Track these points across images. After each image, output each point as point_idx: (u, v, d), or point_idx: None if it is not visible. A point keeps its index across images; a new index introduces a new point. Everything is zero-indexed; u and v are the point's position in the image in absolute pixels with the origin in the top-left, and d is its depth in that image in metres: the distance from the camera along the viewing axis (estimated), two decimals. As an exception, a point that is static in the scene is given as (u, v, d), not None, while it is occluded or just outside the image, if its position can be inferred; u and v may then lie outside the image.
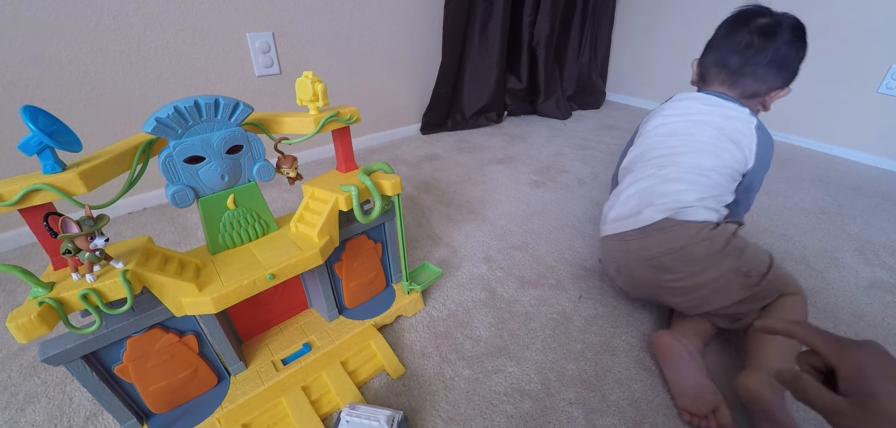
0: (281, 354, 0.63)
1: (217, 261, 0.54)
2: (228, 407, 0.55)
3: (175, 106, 0.47)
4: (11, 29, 0.90)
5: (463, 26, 1.73)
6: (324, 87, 0.57)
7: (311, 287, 0.69)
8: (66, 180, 0.40)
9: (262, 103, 1.34)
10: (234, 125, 0.52)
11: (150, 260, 0.47)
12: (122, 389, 0.50)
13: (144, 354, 0.49)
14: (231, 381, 0.58)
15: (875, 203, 1.26)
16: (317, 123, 0.56)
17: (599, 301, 0.82)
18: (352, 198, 0.58)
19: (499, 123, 2.03)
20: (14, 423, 0.59)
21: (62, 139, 0.41)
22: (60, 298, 0.40)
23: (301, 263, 0.55)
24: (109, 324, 0.46)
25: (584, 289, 0.86)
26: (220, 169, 0.52)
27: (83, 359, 0.45)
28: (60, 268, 0.44)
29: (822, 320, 0.78)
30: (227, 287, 0.49)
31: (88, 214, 0.41)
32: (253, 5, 1.23)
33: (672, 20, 2.10)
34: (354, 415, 0.52)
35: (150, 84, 1.12)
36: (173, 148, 0.49)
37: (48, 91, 0.98)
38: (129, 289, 0.43)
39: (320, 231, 0.58)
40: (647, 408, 0.61)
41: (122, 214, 1.17)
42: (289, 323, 0.69)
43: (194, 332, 0.54)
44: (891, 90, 1.49)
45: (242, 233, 0.57)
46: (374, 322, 0.70)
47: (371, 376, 0.65)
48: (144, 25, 1.07)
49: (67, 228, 0.39)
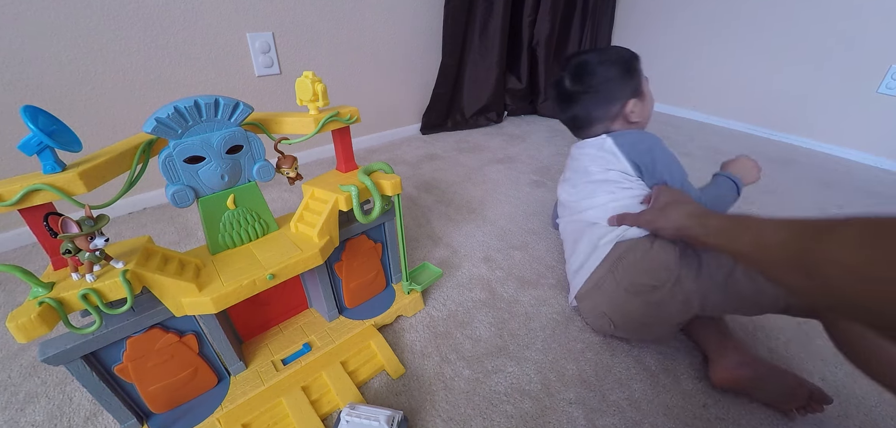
0: (281, 354, 0.63)
1: (217, 261, 0.54)
2: (228, 407, 0.55)
3: (175, 106, 0.47)
4: (11, 29, 0.90)
5: (463, 26, 1.73)
6: (324, 87, 0.57)
7: (311, 287, 0.69)
8: (66, 180, 0.40)
9: (262, 103, 1.34)
10: (234, 125, 0.52)
11: (150, 260, 0.47)
12: (122, 389, 0.50)
13: (144, 354, 0.49)
14: (231, 381, 0.58)
15: (875, 203, 1.26)
16: (317, 123, 0.56)
17: None
18: (352, 198, 0.58)
19: (499, 123, 2.03)
20: (14, 423, 0.59)
21: (62, 139, 0.41)
22: (60, 298, 0.40)
23: (301, 263, 0.55)
24: (109, 324, 0.46)
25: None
26: (220, 169, 0.52)
27: (83, 359, 0.45)
28: (60, 268, 0.44)
29: None
30: (227, 287, 0.49)
31: (88, 213, 0.41)
32: (253, 5, 1.23)
33: (672, 20, 2.10)
34: (354, 415, 0.52)
35: (150, 84, 1.12)
36: (173, 148, 0.49)
37: (48, 91, 0.98)
38: (129, 289, 0.43)
39: (320, 231, 0.58)
40: (647, 408, 0.61)
41: (122, 214, 1.17)
42: (289, 323, 0.69)
43: (194, 332, 0.54)
44: (891, 90, 1.49)
45: (242, 233, 0.57)
46: (374, 322, 0.70)
47: (371, 376, 0.65)
48: (144, 25, 1.07)
49: (67, 228, 0.39)
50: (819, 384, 0.64)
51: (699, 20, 1.97)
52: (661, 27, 2.17)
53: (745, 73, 1.89)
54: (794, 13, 1.68)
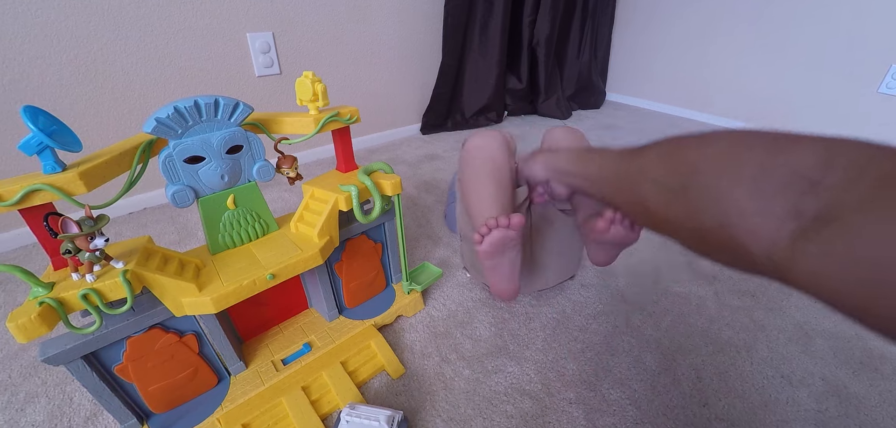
0: (281, 354, 0.63)
1: (217, 261, 0.54)
2: (228, 407, 0.55)
3: (175, 106, 0.47)
4: (12, 29, 0.90)
5: (463, 26, 1.73)
6: (324, 87, 0.57)
7: (311, 287, 0.69)
8: (66, 180, 0.40)
9: (262, 103, 1.34)
10: (234, 125, 0.52)
11: (150, 260, 0.47)
12: (123, 389, 0.50)
13: (144, 354, 0.49)
14: (231, 381, 0.58)
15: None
16: (317, 123, 0.56)
17: (599, 301, 0.82)
18: (352, 198, 0.58)
19: (499, 123, 2.03)
20: (14, 423, 0.59)
21: (62, 139, 0.41)
22: (60, 298, 0.40)
23: (301, 263, 0.55)
24: (109, 324, 0.46)
25: (585, 287, 0.86)
26: (220, 169, 0.52)
27: (83, 359, 0.45)
28: (60, 268, 0.44)
29: (823, 319, 0.78)
30: (227, 287, 0.49)
31: (88, 214, 0.41)
32: (253, 5, 1.23)
33: (672, 20, 2.10)
34: (354, 415, 0.52)
35: (151, 84, 1.12)
36: (173, 148, 0.49)
37: (48, 91, 0.98)
38: (129, 289, 0.43)
39: (320, 231, 0.58)
40: (647, 408, 0.61)
41: (122, 214, 1.17)
42: (289, 323, 0.69)
43: (194, 332, 0.54)
44: (891, 90, 1.49)
45: (242, 233, 0.57)
46: (374, 322, 0.70)
47: (371, 376, 0.65)
48: (144, 25, 1.07)
49: (68, 228, 0.39)
50: (819, 384, 0.65)
51: (699, 20, 1.97)
52: (662, 27, 2.17)
53: (745, 73, 1.89)
54: (795, 13, 1.68)
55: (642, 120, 2.12)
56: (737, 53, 1.89)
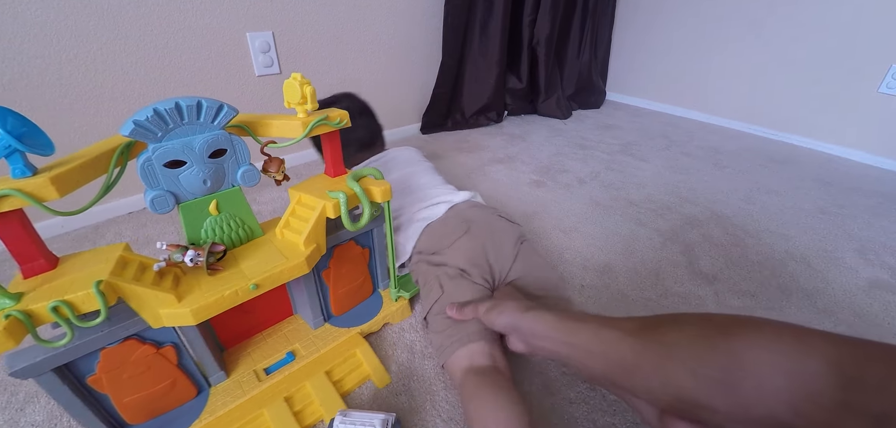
0: (264, 363, 0.61)
1: (198, 269, 0.52)
2: (207, 419, 0.53)
3: (154, 108, 0.45)
4: (11, 28, 0.89)
5: (463, 26, 1.71)
6: (313, 89, 0.55)
7: (297, 294, 0.67)
8: (36, 185, 0.38)
9: (261, 103, 1.33)
10: (218, 128, 0.50)
11: (126, 269, 0.45)
12: (96, 399, 0.48)
13: (119, 366, 0.48)
14: (211, 391, 0.57)
15: (875, 203, 1.24)
16: (304, 127, 0.54)
17: (599, 300, 0.81)
18: (340, 205, 0.56)
19: (499, 123, 2.01)
20: (14, 423, 0.59)
21: (32, 142, 0.39)
22: (29, 310, 0.38)
23: (286, 272, 0.54)
24: (82, 336, 0.44)
25: (585, 288, 0.84)
26: (202, 174, 0.51)
27: (54, 371, 0.43)
28: (30, 276, 0.42)
29: (822, 321, 0.77)
30: (207, 298, 0.48)
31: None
32: (253, 5, 1.21)
33: (672, 20, 2.08)
34: (348, 421, 0.50)
35: (150, 83, 1.11)
36: (152, 152, 0.47)
37: (47, 91, 0.97)
38: (103, 301, 0.41)
39: (307, 239, 0.56)
40: (643, 418, 0.60)
41: (121, 214, 1.15)
42: (272, 330, 0.67)
43: (173, 343, 0.52)
44: (891, 90, 1.48)
45: (225, 239, 0.56)
46: (360, 330, 0.69)
47: (356, 386, 0.63)
48: (144, 25, 1.05)
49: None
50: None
51: (699, 20, 1.95)
52: (662, 27, 2.14)
53: (745, 73, 1.87)
54: (795, 13, 1.66)
55: (642, 119, 2.11)
56: (737, 53, 1.87)
